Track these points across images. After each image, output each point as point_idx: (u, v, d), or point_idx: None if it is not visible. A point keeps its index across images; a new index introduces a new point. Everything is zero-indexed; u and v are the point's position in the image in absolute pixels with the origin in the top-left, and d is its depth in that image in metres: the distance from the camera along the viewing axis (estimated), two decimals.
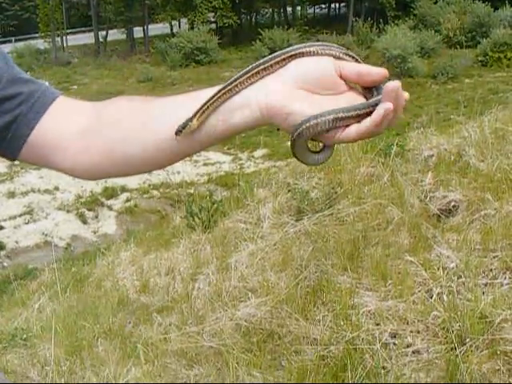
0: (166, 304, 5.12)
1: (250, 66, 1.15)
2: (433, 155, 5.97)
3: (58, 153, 1.27)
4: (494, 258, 4.28)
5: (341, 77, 1.11)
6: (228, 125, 1.14)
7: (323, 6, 68.94)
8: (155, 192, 22.40)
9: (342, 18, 58.40)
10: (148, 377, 4.07)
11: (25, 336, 5.18)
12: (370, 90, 1.13)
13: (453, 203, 5.08)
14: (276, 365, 3.92)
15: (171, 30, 59.08)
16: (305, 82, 1.10)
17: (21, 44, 55.76)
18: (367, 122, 1.06)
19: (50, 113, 1.27)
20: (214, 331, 4.35)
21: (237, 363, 3.90)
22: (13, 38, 59.77)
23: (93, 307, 5.51)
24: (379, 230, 5.03)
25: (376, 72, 1.10)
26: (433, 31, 43.53)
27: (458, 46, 42.15)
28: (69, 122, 1.27)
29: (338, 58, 1.14)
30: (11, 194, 22.74)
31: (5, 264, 17.32)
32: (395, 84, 1.03)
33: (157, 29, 59.89)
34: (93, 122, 1.26)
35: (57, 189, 22.90)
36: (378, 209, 5.29)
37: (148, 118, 1.21)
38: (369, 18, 50.07)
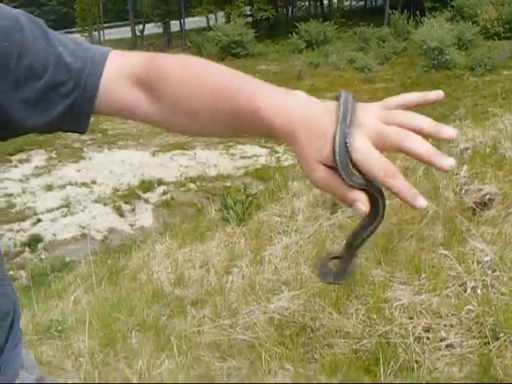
0: (199, 297, 5.14)
1: None
2: (468, 148, 5.91)
3: (125, 114, 1.30)
4: None
5: None
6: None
7: None
8: (192, 185, 22.36)
9: (378, 11, 57.89)
10: (181, 369, 4.09)
11: (60, 328, 5.22)
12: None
13: (488, 196, 5.03)
14: (308, 358, 3.93)
15: (208, 23, 59.10)
16: None
17: None
18: None
19: (103, 87, 1.26)
20: (247, 324, 4.37)
21: (269, 356, 3.91)
22: None
23: (127, 299, 5.55)
24: (413, 223, 5.00)
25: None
26: (470, 23, 43.00)
27: (495, 38, 41.66)
28: (123, 94, 1.27)
29: None
30: (49, 187, 22.85)
31: (42, 257, 17.44)
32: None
33: (193, 22, 59.97)
34: (146, 98, 1.26)
35: (94, 182, 23.03)
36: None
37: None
38: (405, 10, 49.62)
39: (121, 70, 1.27)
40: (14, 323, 1.55)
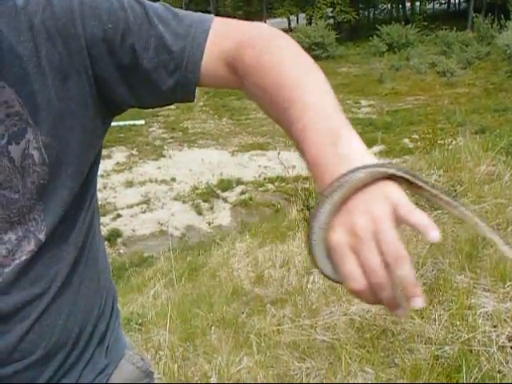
0: (279, 296, 5.14)
1: None
2: None
3: (220, 87, 1.39)
4: None
5: None
6: None
7: (443, 1, 67.95)
8: (270, 186, 22.43)
9: (461, 14, 57.20)
10: (260, 367, 4.10)
11: (140, 321, 5.29)
12: None
13: None
14: (389, 362, 3.89)
15: (289, 24, 59.27)
16: None
17: None
18: None
19: (203, 67, 1.29)
20: (327, 325, 4.35)
21: (349, 358, 3.88)
22: None
23: (207, 296, 5.58)
24: (499, 230, 4.91)
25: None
26: None
27: None
28: (218, 73, 1.32)
29: None
30: (129, 184, 23.21)
31: (121, 251, 17.72)
32: None
33: (275, 23, 60.10)
34: (232, 76, 1.30)
35: (173, 180, 23.31)
36: (499, 208, 5.17)
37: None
38: (490, 14, 48.87)
39: (218, 53, 1.29)
40: (114, 302, 1.59)
